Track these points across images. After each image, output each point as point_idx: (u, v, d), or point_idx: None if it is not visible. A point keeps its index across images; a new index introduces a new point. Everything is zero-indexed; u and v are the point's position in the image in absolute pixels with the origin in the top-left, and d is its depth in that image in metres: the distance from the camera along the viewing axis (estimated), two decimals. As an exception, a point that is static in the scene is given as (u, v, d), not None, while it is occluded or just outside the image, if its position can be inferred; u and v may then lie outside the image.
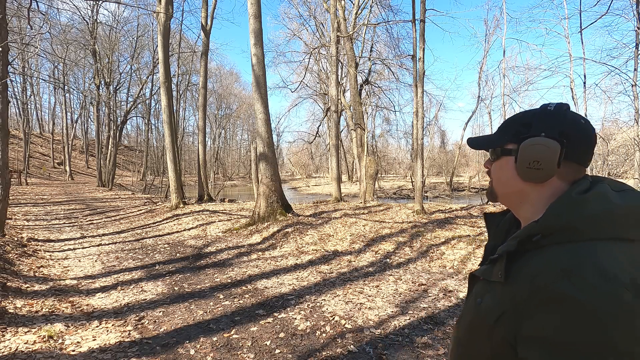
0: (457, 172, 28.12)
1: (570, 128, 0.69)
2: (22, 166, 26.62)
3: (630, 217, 0.62)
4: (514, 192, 0.75)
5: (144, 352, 2.78)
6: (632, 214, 0.63)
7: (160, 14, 11.05)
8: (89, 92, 27.84)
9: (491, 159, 0.79)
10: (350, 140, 19.05)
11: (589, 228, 0.62)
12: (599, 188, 0.66)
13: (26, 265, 5.10)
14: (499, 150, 0.76)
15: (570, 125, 0.69)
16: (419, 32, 8.37)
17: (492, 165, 0.79)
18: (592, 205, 0.63)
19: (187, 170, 35.91)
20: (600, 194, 0.64)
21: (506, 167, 0.75)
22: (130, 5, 21.67)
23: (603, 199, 0.64)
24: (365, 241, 6.19)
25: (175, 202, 11.39)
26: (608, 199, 0.63)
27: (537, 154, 0.69)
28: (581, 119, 0.70)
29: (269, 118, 8.39)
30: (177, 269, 5.14)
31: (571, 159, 0.69)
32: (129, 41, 26.47)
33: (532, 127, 0.71)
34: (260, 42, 8.23)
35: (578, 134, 0.69)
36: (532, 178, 0.71)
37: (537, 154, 0.69)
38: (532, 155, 0.69)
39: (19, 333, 2.98)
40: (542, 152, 0.68)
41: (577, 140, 0.69)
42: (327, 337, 2.99)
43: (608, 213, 0.62)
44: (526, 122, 0.73)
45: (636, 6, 7.35)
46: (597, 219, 0.62)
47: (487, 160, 0.81)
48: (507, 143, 0.75)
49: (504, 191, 0.77)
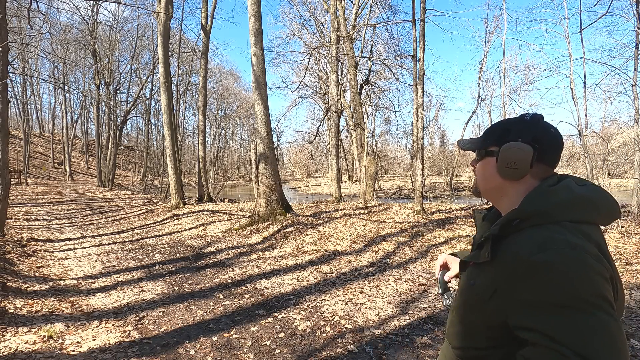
0: (457, 172, 28.12)
1: (542, 135, 0.83)
2: (22, 166, 26.62)
3: (587, 203, 0.77)
4: (494, 187, 0.89)
5: (144, 352, 2.78)
6: (589, 201, 0.77)
7: (160, 14, 11.05)
8: (89, 92, 27.84)
9: (477, 158, 0.93)
10: (350, 140, 19.05)
11: (557, 212, 0.75)
12: (565, 182, 0.80)
13: (26, 265, 5.10)
14: (483, 152, 0.90)
15: (542, 132, 0.83)
16: (419, 32, 8.37)
17: (477, 165, 0.93)
18: (559, 195, 0.77)
19: (187, 170, 35.91)
20: (566, 186, 0.79)
21: (488, 166, 0.89)
22: (130, 5, 21.68)
23: (568, 189, 0.78)
24: (365, 241, 6.19)
25: (175, 202, 11.39)
26: (572, 189, 0.78)
27: (513, 156, 0.82)
28: (551, 128, 0.84)
29: (269, 118, 8.39)
30: (177, 269, 5.14)
31: (542, 161, 0.83)
32: (129, 41, 26.48)
33: (511, 133, 0.85)
34: (260, 42, 8.23)
35: (548, 140, 0.83)
36: (509, 176, 0.84)
37: (513, 156, 0.82)
38: (510, 156, 0.83)
39: (19, 333, 2.98)
40: (518, 155, 0.82)
41: (547, 146, 0.83)
42: (327, 337, 2.99)
43: (571, 200, 0.76)
44: (506, 128, 0.87)
45: (636, 6, 7.34)
46: (562, 205, 0.76)
47: (473, 159, 0.95)
48: (490, 145, 0.88)
49: (486, 187, 0.91)
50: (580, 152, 8.15)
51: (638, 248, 4.95)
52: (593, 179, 7.72)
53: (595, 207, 0.77)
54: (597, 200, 0.78)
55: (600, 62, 8.20)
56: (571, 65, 8.60)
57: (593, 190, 0.79)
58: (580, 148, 8.11)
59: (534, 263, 0.70)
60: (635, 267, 4.35)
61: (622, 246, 5.08)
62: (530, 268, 0.70)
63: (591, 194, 0.78)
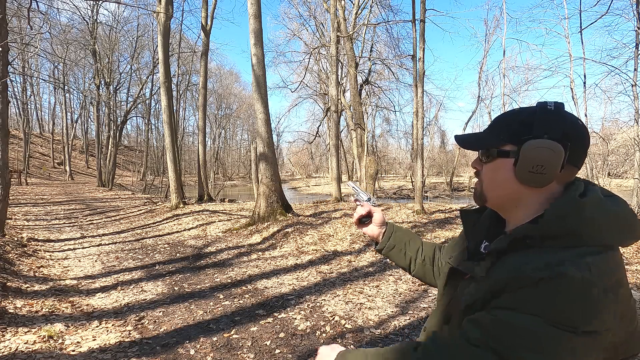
0: (457, 172, 28.13)
1: (571, 130, 0.66)
2: (22, 166, 26.63)
3: (621, 224, 0.63)
4: (508, 195, 0.71)
5: (144, 352, 2.78)
6: (623, 222, 0.64)
7: (160, 14, 11.05)
8: (89, 92, 27.84)
9: (482, 160, 0.74)
10: (350, 140, 19.04)
11: (590, 233, 0.62)
12: (594, 194, 0.65)
13: (26, 265, 5.09)
14: (495, 152, 0.71)
15: (570, 127, 0.66)
16: (419, 32, 8.37)
17: (484, 167, 0.74)
18: (594, 211, 0.62)
19: (187, 170, 35.90)
20: (599, 200, 0.64)
21: (502, 169, 0.70)
22: (130, 5, 21.71)
23: (601, 205, 0.63)
24: (365, 241, 6.18)
25: (175, 202, 11.39)
26: (605, 205, 0.64)
27: (541, 158, 0.65)
28: (579, 121, 0.68)
29: (269, 118, 8.38)
30: (177, 269, 5.13)
31: (571, 162, 0.67)
32: (129, 41, 26.51)
33: (534, 128, 0.66)
34: (260, 42, 8.23)
35: (579, 136, 0.67)
36: (533, 182, 0.67)
37: (541, 158, 0.65)
38: (536, 159, 0.65)
39: (19, 333, 2.98)
40: (548, 156, 0.65)
41: (579, 144, 0.67)
42: (327, 337, 3.00)
43: (607, 220, 0.62)
44: (526, 121, 0.68)
45: (636, 6, 7.35)
46: (593, 225, 0.62)
47: (475, 160, 0.77)
48: (504, 144, 0.70)
49: (498, 194, 0.73)
50: (580, 152, 8.13)
51: (638, 248, 4.96)
52: (593, 179, 7.72)
53: (626, 227, 0.64)
54: (628, 219, 0.65)
55: (600, 62, 8.21)
56: (571, 65, 8.61)
57: (622, 205, 0.66)
58: (580, 148, 8.09)
59: (531, 278, 0.59)
60: (635, 267, 4.35)
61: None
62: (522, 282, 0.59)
63: (622, 211, 0.65)
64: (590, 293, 0.56)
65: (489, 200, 0.75)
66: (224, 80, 46.95)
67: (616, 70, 7.68)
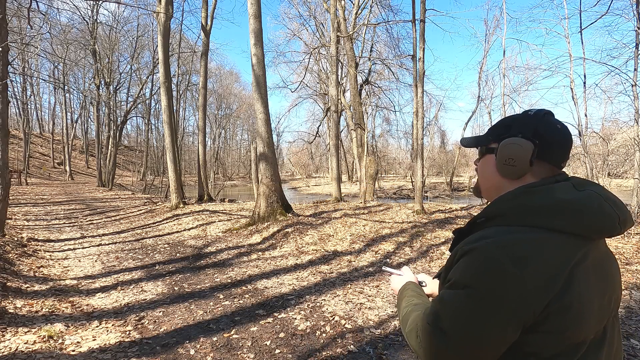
0: (457, 172, 28.12)
1: (545, 130, 0.77)
2: (22, 166, 26.62)
3: (568, 211, 0.70)
4: (493, 185, 0.85)
5: (144, 352, 2.78)
6: (572, 209, 0.70)
7: (160, 14, 11.05)
8: (89, 92, 27.81)
9: (478, 156, 0.89)
10: (350, 140, 19.05)
11: (522, 215, 0.72)
12: (559, 184, 0.75)
13: (26, 265, 5.10)
14: (484, 149, 0.86)
15: (545, 128, 0.77)
16: (419, 32, 8.37)
17: (479, 164, 0.89)
18: (536, 197, 0.73)
19: (187, 170, 35.91)
20: (549, 189, 0.74)
21: (489, 164, 0.85)
22: (130, 5, 21.68)
23: (549, 192, 0.73)
24: (365, 241, 6.18)
25: (175, 202, 11.39)
26: (553, 193, 0.73)
27: (511, 151, 0.77)
28: (557, 124, 0.78)
29: (269, 118, 8.38)
30: (177, 269, 5.14)
31: (544, 158, 0.77)
32: (129, 41, 26.48)
33: (512, 129, 0.80)
34: (260, 42, 8.23)
35: (552, 136, 0.77)
36: (507, 174, 0.79)
37: (511, 151, 0.77)
38: (508, 153, 0.78)
39: (19, 333, 2.98)
40: (516, 151, 0.77)
41: (551, 142, 0.77)
42: (327, 337, 2.99)
43: (547, 205, 0.71)
44: (507, 124, 0.82)
45: (636, 6, 7.34)
46: (533, 209, 0.72)
47: (476, 159, 0.91)
48: (491, 142, 0.84)
49: (486, 185, 0.87)
50: (580, 152, 8.15)
51: (638, 248, 4.95)
52: (593, 179, 7.72)
53: (578, 217, 0.70)
54: (585, 210, 0.70)
55: (600, 62, 8.21)
56: (571, 65, 8.61)
57: (587, 197, 0.72)
58: (580, 148, 8.12)
59: (462, 250, 0.73)
60: (635, 267, 4.35)
61: (622, 246, 5.08)
62: (459, 254, 0.73)
63: (580, 201, 0.71)
64: (488, 262, 0.67)
65: (482, 192, 0.90)
66: (224, 80, 46.98)
67: (616, 70, 7.68)
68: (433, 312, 0.74)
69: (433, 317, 0.73)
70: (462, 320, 0.68)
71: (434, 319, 0.72)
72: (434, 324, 0.72)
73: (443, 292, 0.74)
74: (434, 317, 0.73)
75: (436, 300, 0.75)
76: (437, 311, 0.72)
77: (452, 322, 0.69)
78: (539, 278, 0.66)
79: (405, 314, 0.87)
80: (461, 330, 0.68)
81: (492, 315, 0.67)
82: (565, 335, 0.69)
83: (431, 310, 0.75)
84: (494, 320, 0.67)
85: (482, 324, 0.67)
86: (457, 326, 0.69)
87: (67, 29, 21.98)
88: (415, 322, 0.80)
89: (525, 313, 0.66)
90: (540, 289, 0.66)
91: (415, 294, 0.96)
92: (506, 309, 0.66)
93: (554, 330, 0.68)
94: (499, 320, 0.67)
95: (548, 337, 0.68)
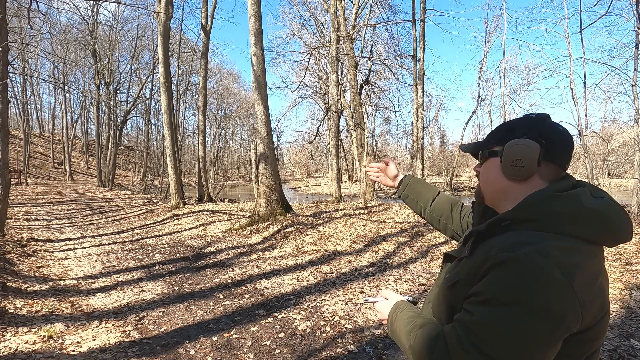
0: (457, 172, 28.13)
1: (549, 131, 0.77)
2: (22, 166, 26.63)
3: (595, 220, 0.70)
4: (498, 189, 0.82)
5: (144, 352, 2.78)
6: (598, 218, 0.70)
7: (160, 14, 11.05)
8: (89, 92, 27.83)
9: (480, 161, 0.88)
10: (350, 140, 19.04)
11: (556, 222, 0.70)
12: (578, 190, 0.74)
13: (26, 265, 5.09)
14: (486, 153, 0.85)
15: (548, 129, 0.77)
16: (419, 32, 8.37)
17: (481, 169, 0.87)
18: (566, 203, 0.71)
19: (187, 170, 35.90)
20: (576, 195, 0.72)
21: (492, 167, 0.83)
22: (130, 5, 21.69)
23: (577, 199, 0.71)
24: (365, 241, 6.18)
25: (175, 202, 11.39)
26: (581, 200, 0.71)
27: (519, 152, 0.76)
28: (559, 126, 0.79)
29: (269, 118, 8.38)
30: (177, 269, 5.13)
31: (550, 159, 0.77)
32: (129, 41, 26.48)
33: (516, 131, 0.79)
34: (261, 42, 8.23)
35: (556, 137, 0.77)
36: (515, 175, 0.78)
37: (519, 152, 0.76)
38: (515, 153, 0.77)
39: (19, 333, 2.98)
40: (524, 151, 0.76)
41: (555, 143, 0.77)
42: (327, 337, 2.99)
43: (577, 212, 0.70)
44: (510, 127, 0.82)
45: (636, 6, 7.34)
46: (565, 215, 0.70)
47: (476, 164, 0.90)
48: (493, 146, 0.83)
49: (490, 189, 0.85)
50: (580, 152, 8.15)
51: (638, 248, 4.95)
52: (593, 179, 7.72)
53: (603, 226, 0.70)
54: (608, 219, 0.71)
55: (600, 62, 8.20)
56: (571, 65, 8.61)
57: (607, 206, 0.72)
58: (580, 148, 8.11)
59: (497, 259, 0.67)
60: (635, 267, 4.35)
61: (622, 246, 5.08)
62: (491, 264, 0.67)
63: (604, 210, 0.71)
64: (536, 273, 0.63)
65: (485, 198, 0.87)
66: (224, 80, 46.98)
67: (616, 70, 7.68)
68: (468, 335, 0.66)
69: (471, 342, 0.65)
70: (515, 342, 0.62)
71: (475, 343, 0.65)
72: (475, 350, 0.64)
73: (473, 309, 0.67)
74: (474, 340, 0.65)
75: (467, 321, 0.67)
76: (476, 333, 0.65)
77: (501, 345, 0.63)
78: (585, 287, 0.65)
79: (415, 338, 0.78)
80: (514, 354, 0.63)
81: (549, 334, 0.62)
82: (597, 341, 0.70)
83: (463, 333, 0.67)
84: (549, 339, 0.63)
85: (537, 345, 0.62)
86: (509, 350, 0.63)
87: (67, 29, 21.98)
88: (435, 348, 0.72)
89: (576, 325, 0.64)
90: (586, 299, 0.65)
91: (414, 314, 0.87)
92: (564, 326, 0.63)
93: (590, 337, 0.68)
94: (555, 338, 0.63)
95: (584, 344, 0.69)
